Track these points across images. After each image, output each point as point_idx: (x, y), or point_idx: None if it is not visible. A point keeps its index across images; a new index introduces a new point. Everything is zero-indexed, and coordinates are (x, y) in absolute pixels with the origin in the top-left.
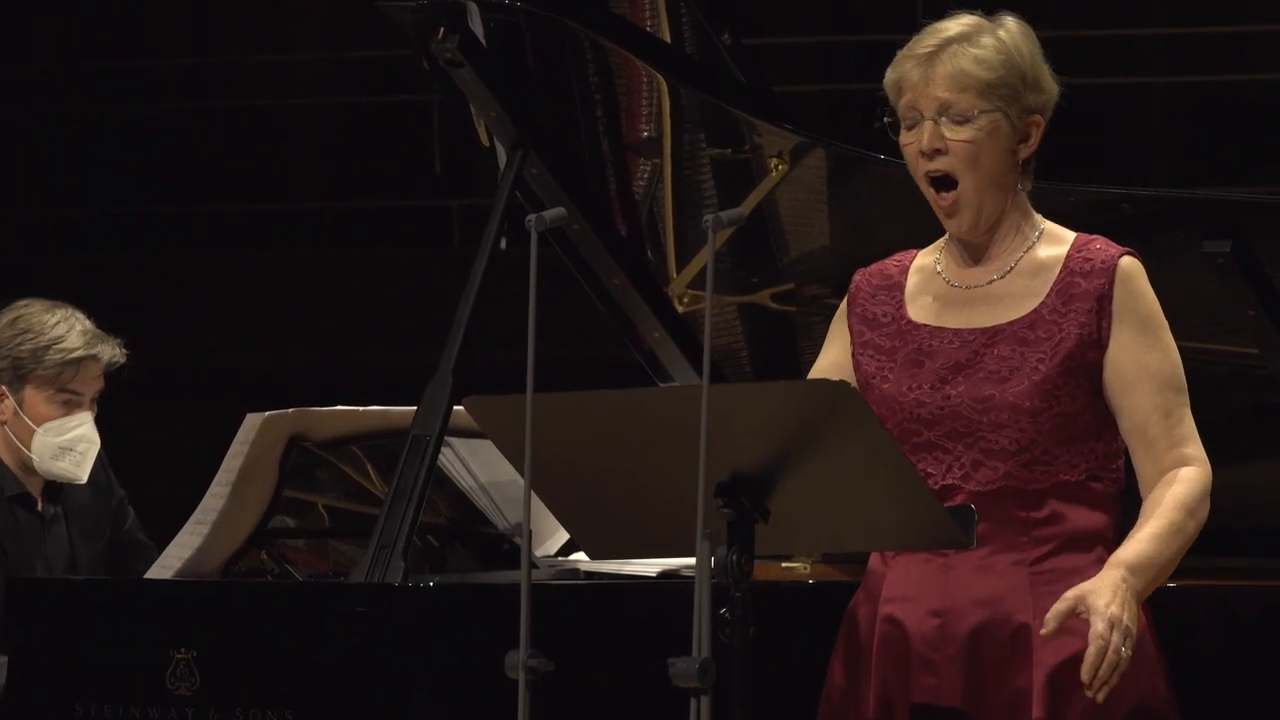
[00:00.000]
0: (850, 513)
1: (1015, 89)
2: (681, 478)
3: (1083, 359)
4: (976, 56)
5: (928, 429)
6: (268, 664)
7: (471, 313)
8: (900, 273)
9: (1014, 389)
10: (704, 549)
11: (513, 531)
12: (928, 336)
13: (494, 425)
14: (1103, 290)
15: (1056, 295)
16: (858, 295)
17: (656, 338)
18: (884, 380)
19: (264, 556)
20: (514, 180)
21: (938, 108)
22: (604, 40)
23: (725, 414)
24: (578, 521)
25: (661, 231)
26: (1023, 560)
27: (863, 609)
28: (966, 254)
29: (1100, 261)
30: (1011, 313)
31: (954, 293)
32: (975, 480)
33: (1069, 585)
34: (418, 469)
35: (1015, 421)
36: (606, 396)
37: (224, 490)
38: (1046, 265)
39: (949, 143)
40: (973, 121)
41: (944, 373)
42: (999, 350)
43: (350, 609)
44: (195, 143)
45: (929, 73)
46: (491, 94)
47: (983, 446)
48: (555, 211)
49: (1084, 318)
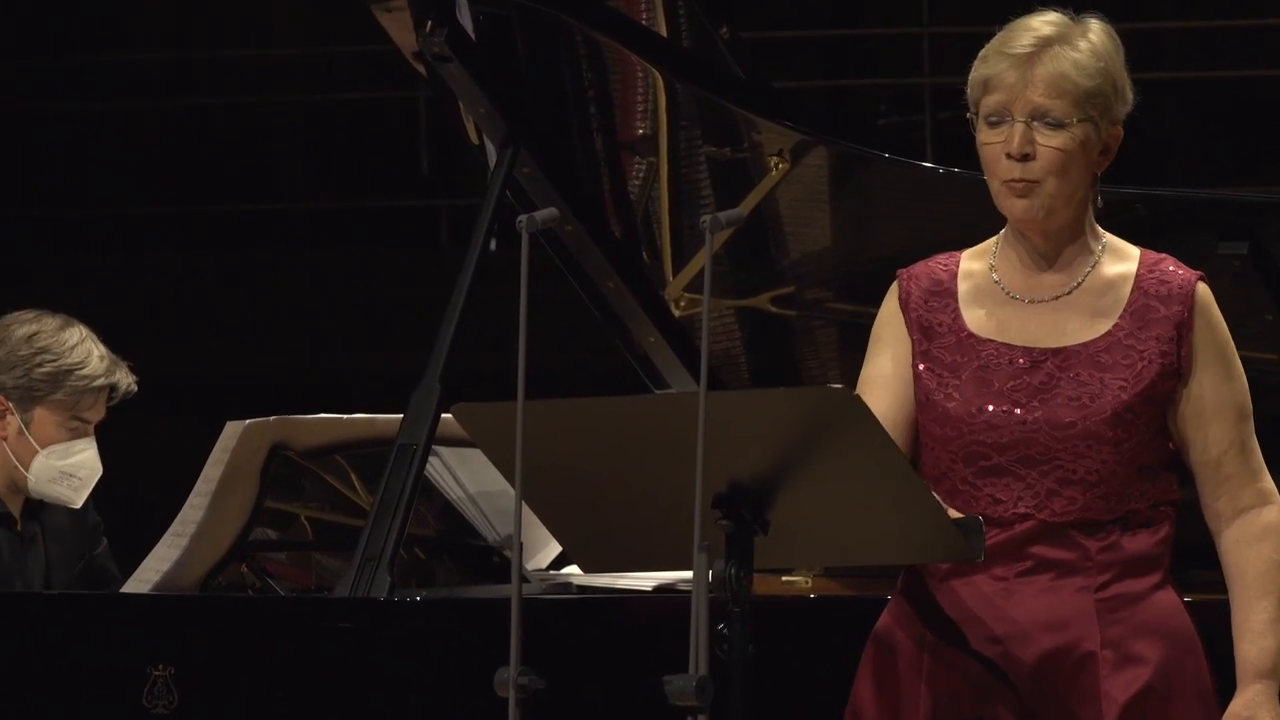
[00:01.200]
0: (854, 525)
1: (1108, 98)
2: (678, 488)
3: (1162, 387)
4: (1076, 61)
5: (999, 454)
6: (248, 682)
7: (460, 317)
8: (950, 277)
9: (1095, 417)
10: (701, 562)
11: (503, 544)
12: (993, 352)
13: (483, 433)
14: (1181, 318)
15: (1131, 318)
16: (909, 300)
17: (652, 342)
18: (948, 398)
19: (245, 570)
20: (504, 179)
21: (1032, 111)
22: (598, 34)
23: (723, 422)
24: (570, 533)
25: (657, 233)
26: (1088, 586)
27: (902, 632)
28: (1027, 263)
29: (1177, 286)
30: (1083, 333)
31: (1015, 305)
32: (1050, 509)
33: (1133, 612)
34: (404, 479)
35: (1096, 451)
36: (600, 404)
37: (203, 501)
38: (1115, 283)
39: (1039, 148)
40: (1067, 129)
41: (1017, 395)
42: (1076, 374)
43: (334, 625)
44: (173, 141)
45: (1028, 74)
46: (481, 90)
47: (1059, 475)
48: (547, 212)
49: (1164, 345)
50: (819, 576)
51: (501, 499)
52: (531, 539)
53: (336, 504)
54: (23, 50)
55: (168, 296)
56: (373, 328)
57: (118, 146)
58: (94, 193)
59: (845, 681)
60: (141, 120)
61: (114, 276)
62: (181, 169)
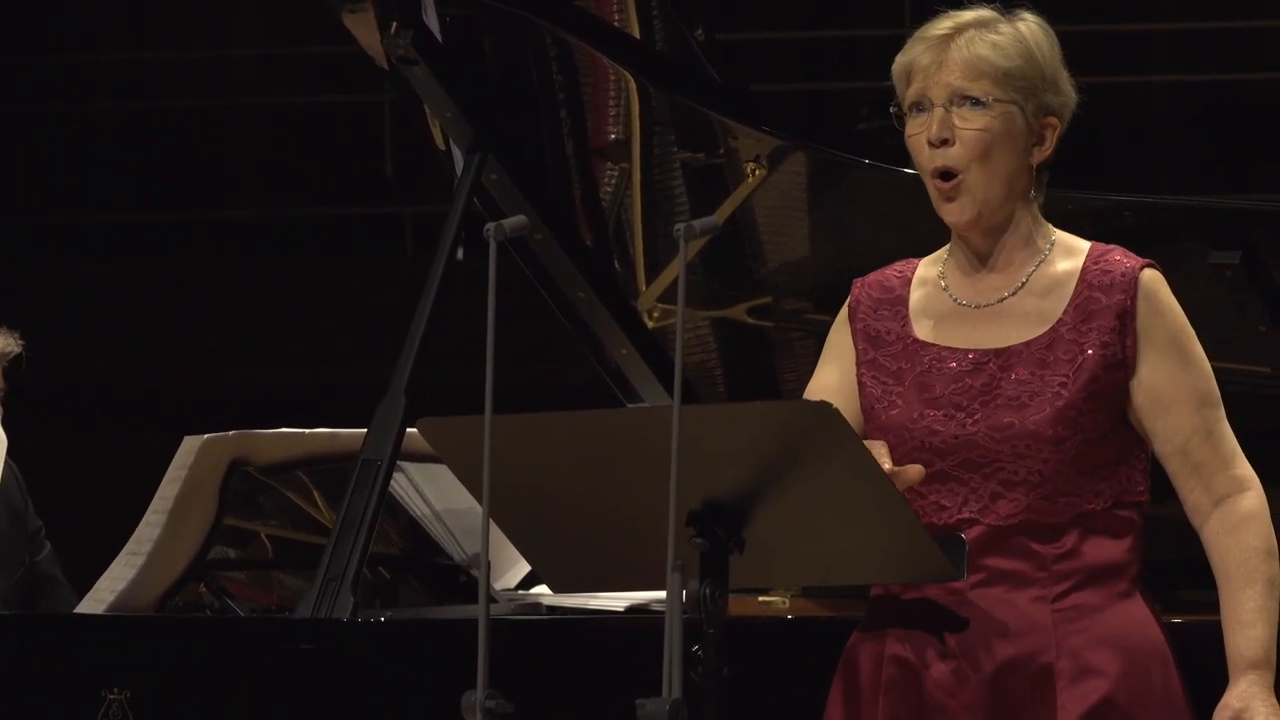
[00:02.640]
0: (832, 543)
1: (1033, 83)
2: (651, 505)
3: (1107, 381)
4: (994, 43)
5: (941, 459)
6: (207, 705)
7: (426, 328)
8: (903, 285)
9: (1034, 416)
10: (675, 582)
11: (470, 563)
12: (936, 357)
13: (450, 449)
14: (1124, 306)
15: (1074, 312)
16: (859, 309)
17: (624, 355)
18: (891, 406)
19: (203, 590)
20: (471, 186)
21: (949, 94)
22: (568, 36)
23: (698, 437)
24: (539, 552)
25: (630, 241)
26: (1044, 596)
27: (865, 648)
28: (973, 266)
29: (1120, 274)
30: (1026, 332)
31: (961, 311)
32: (994, 513)
33: (1094, 623)
34: (368, 496)
35: (1037, 451)
36: (570, 418)
37: (160, 519)
38: (1061, 280)
39: (958, 131)
40: (986, 109)
41: (958, 398)
42: (1016, 374)
43: (295, 646)
44: (125, 145)
45: (942, 57)
46: (447, 93)
47: (1002, 478)
48: (516, 220)
49: (1106, 336)
50: (796, 597)
51: (468, 516)
52: (499, 558)
53: (298, 521)
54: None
55: (120, 306)
56: (335, 339)
57: (65, 150)
58: (39, 198)
59: (823, 705)
60: (91, 123)
61: (62, 285)
62: (133, 174)
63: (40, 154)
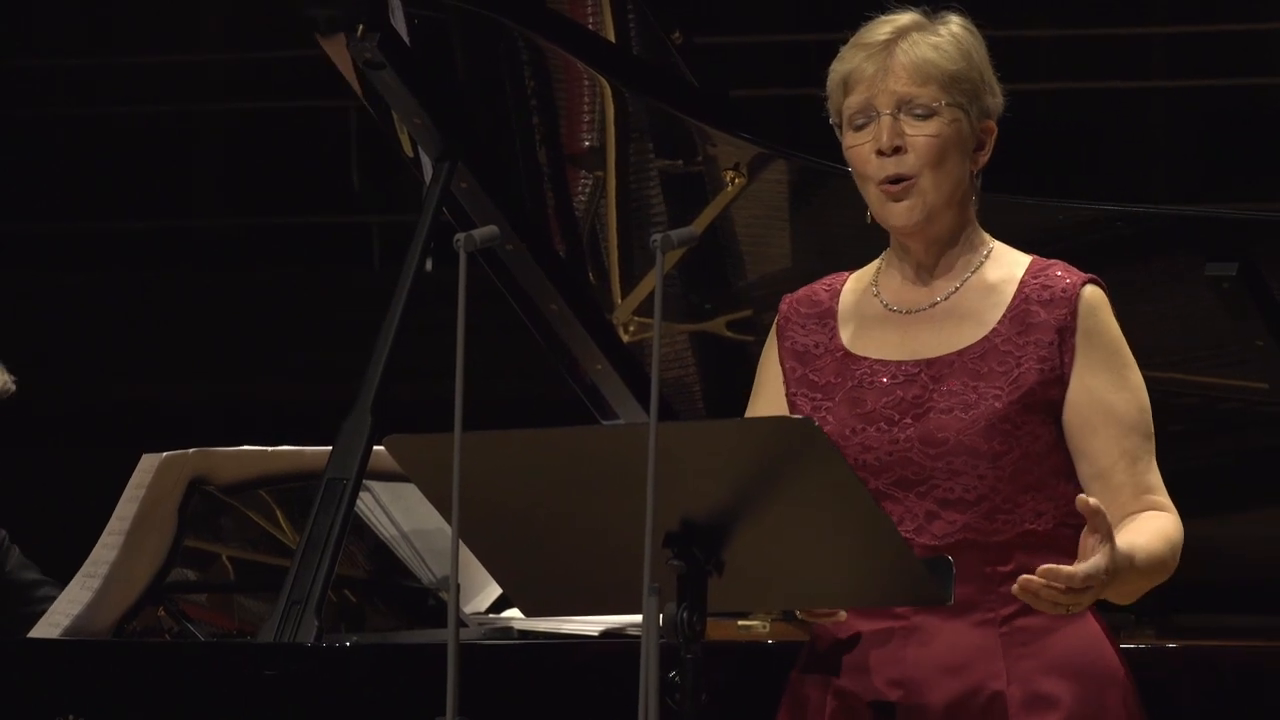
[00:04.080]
0: (814, 565)
1: (976, 85)
2: (626, 525)
3: (1044, 396)
4: (936, 45)
5: (875, 477)
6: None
7: (393, 342)
8: (831, 297)
9: (970, 430)
10: (651, 605)
11: (439, 585)
12: (868, 370)
13: (418, 467)
14: (1064, 321)
15: (1010, 323)
16: (786, 326)
17: (599, 370)
18: (823, 422)
19: (161, 613)
20: (440, 195)
21: (896, 102)
22: (541, 39)
23: (675, 455)
24: (511, 575)
25: (605, 252)
26: (991, 619)
27: (810, 679)
28: (909, 273)
29: (1061, 290)
30: (958, 340)
31: (892, 318)
32: (930, 533)
33: (1043, 646)
34: (333, 516)
35: (973, 467)
36: (543, 436)
37: (117, 540)
38: (997, 288)
39: (910, 139)
40: (938, 115)
41: (890, 412)
42: (950, 385)
43: (258, 672)
44: (86, 151)
45: (886, 63)
46: (416, 99)
47: (937, 496)
48: (486, 230)
49: (1044, 350)
50: (777, 620)
51: (437, 537)
52: (469, 580)
53: (260, 543)
54: None
55: (78, 319)
56: (299, 353)
57: (21, 157)
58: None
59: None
60: (49, 129)
61: (17, 297)
62: (92, 182)
63: (2, 161)
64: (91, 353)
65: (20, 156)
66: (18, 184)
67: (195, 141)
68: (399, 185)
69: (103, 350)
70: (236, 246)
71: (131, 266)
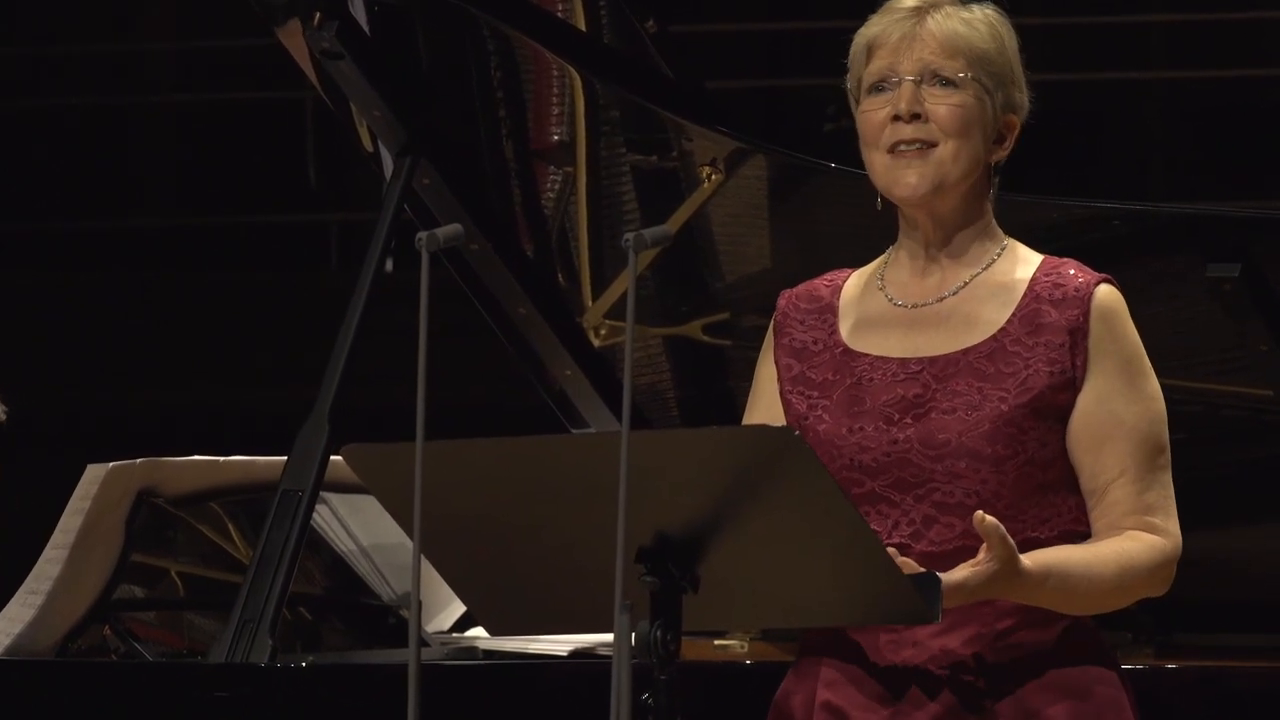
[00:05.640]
0: (795, 582)
1: (1004, 73)
2: (597, 540)
3: (1054, 401)
4: (968, 20)
5: (872, 478)
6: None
7: (352, 346)
8: (832, 293)
9: (972, 431)
10: (623, 623)
11: (399, 603)
12: (868, 367)
13: (377, 478)
14: (1076, 323)
15: (1020, 323)
16: (784, 323)
17: (568, 376)
18: (819, 420)
19: (107, 632)
20: (402, 192)
21: (921, 70)
22: (508, 28)
23: (649, 465)
24: (475, 591)
25: (575, 252)
26: (984, 634)
27: (797, 696)
28: (917, 259)
29: (1074, 289)
30: (965, 338)
31: (897, 313)
32: (927, 539)
33: (1039, 664)
34: (288, 529)
35: (975, 471)
36: (509, 445)
37: (61, 554)
38: (1008, 286)
39: (931, 108)
40: (960, 88)
41: (889, 411)
42: (954, 385)
43: (209, 694)
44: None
45: (916, 30)
46: (376, 91)
47: (936, 500)
48: (450, 228)
49: (1055, 353)
50: (756, 640)
51: (398, 552)
52: (432, 597)
53: (211, 557)
54: None
55: (18, 323)
56: (253, 358)
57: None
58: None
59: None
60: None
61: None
62: (33, 179)
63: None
64: (31, 357)
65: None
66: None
67: (140, 136)
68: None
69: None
70: (185, 246)
71: (72, 267)
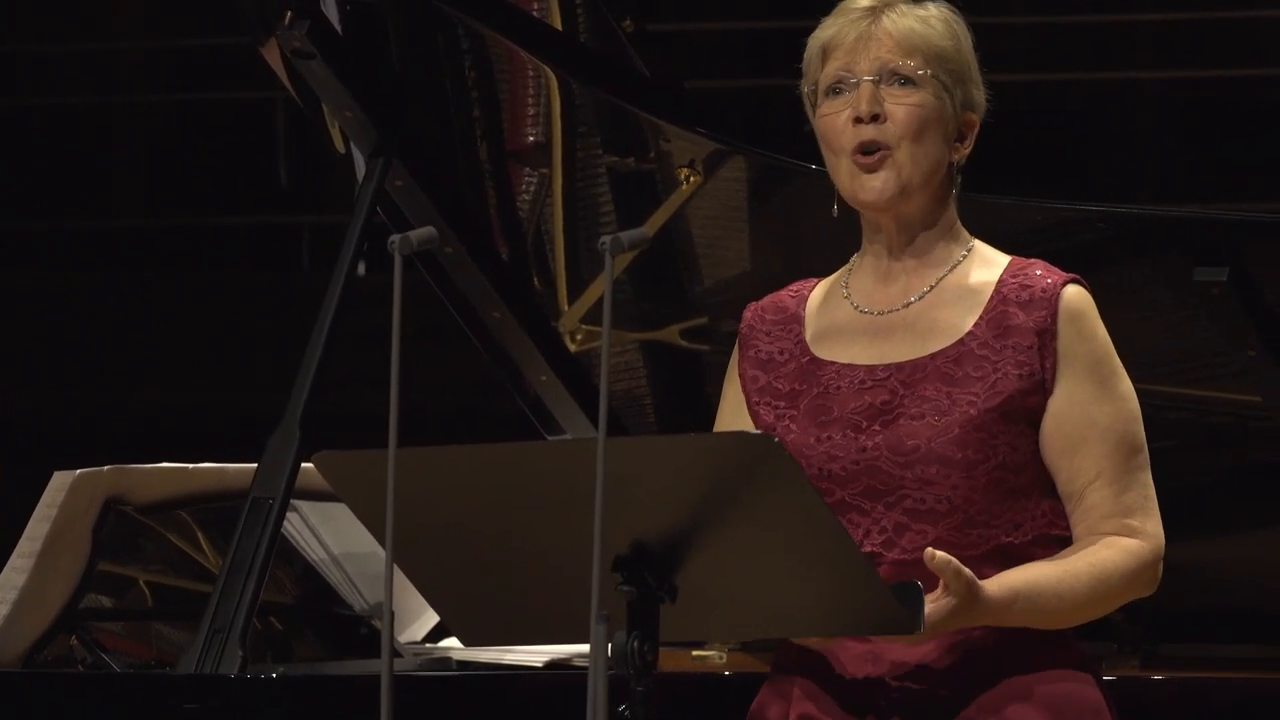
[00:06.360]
0: (774, 592)
1: (962, 70)
2: (573, 548)
3: (1024, 404)
4: (924, 19)
5: (841, 487)
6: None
7: (323, 351)
8: (798, 303)
9: (941, 437)
10: (599, 634)
11: (372, 612)
12: (835, 375)
13: (349, 485)
14: (1044, 324)
15: (987, 326)
16: (750, 335)
17: (544, 381)
18: (787, 430)
19: (74, 642)
20: (374, 194)
21: (879, 69)
22: (482, 27)
23: (625, 472)
24: (449, 601)
25: (550, 255)
26: (960, 642)
27: (772, 710)
28: (883, 265)
29: (1041, 290)
30: (931, 343)
31: (863, 320)
32: (899, 547)
33: (1016, 675)
34: (258, 538)
35: (945, 477)
36: (484, 452)
37: (26, 563)
38: (974, 289)
39: (889, 108)
40: (919, 87)
41: (857, 419)
42: (922, 390)
43: (178, 705)
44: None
45: (871, 29)
46: (348, 91)
47: (907, 507)
48: (424, 231)
49: (1023, 356)
50: (735, 651)
51: (370, 561)
52: (404, 607)
53: (180, 566)
54: None
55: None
56: (222, 362)
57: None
58: None
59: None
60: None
61: None
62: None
63: None
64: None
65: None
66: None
67: (110, 136)
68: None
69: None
70: (154, 247)
71: (40, 268)
